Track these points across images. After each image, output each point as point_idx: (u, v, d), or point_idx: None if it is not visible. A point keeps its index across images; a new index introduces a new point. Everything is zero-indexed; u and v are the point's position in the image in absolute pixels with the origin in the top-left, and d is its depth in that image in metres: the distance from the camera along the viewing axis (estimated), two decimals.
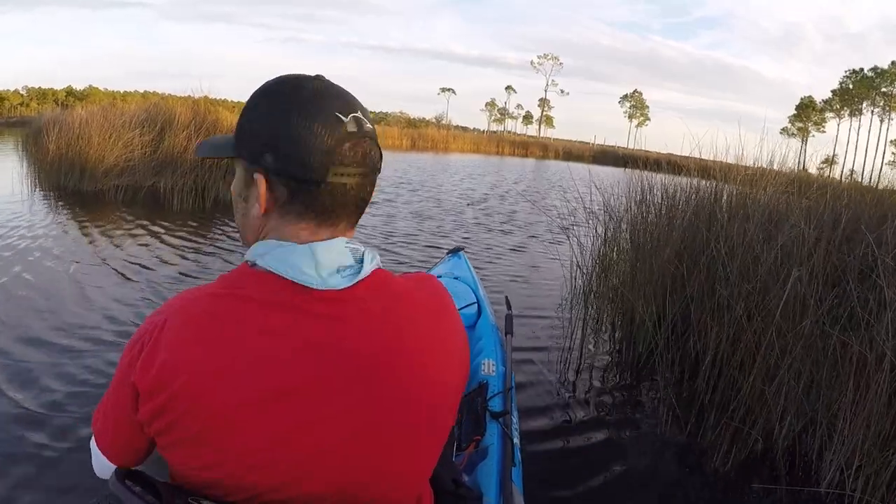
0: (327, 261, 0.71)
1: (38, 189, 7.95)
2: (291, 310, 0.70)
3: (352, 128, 0.72)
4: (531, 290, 4.83)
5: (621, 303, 3.46)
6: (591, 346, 3.47)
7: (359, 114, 0.73)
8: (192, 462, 0.69)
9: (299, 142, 0.70)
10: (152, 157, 8.19)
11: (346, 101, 0.73)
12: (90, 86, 67.66)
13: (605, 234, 4.08)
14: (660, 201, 3.79)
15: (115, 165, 7.99)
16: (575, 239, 4.14)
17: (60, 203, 7.11)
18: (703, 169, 4.41)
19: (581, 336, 3.53)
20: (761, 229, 2.91)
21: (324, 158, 0.70)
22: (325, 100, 0.72)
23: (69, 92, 63.93)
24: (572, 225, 5.37)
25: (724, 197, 3.49)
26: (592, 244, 4.17)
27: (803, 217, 2.88)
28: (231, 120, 8.87)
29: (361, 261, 0.74)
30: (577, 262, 3.99)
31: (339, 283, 0.71)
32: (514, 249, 6.50)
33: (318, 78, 0.75)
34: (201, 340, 0.68)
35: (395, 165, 17.77)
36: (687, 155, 5.01)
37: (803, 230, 2.64)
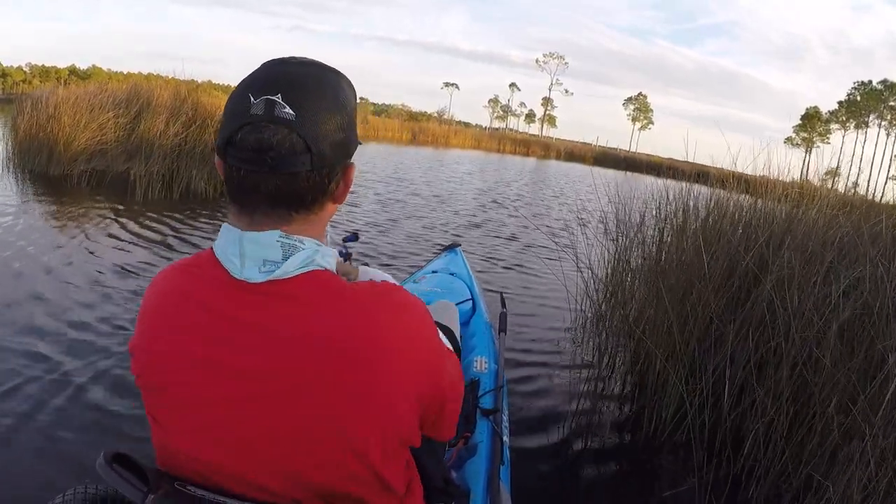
0: (252, 252, 0.71)
1: (5, 171, 7.40)
2: (217, 293, 0.73)
3: (257, 110, 0.68)
4: (531, 294, 4.38)
5: (638, 346, 2.85)
6: (599, 379, 2.90)
7: (277, 97, 0.68)
8: (152, 432, 0.77)
9: (224, 116, 0.73)
10: (126, 141, 7.58)
11: (269, 82, 0.70)
12: (94, 65, 66.98)
13: (617, 255, 3.51)
14: (681, 221, 3.21)
15: (86, 149, 7.39)
16: (585, 263, 3.56)
17: (21, 187, 6.62)
18: (722, 179, 3.85)
19: (594, 374, 2.97)
20: (824, 267, 2.34)
21: (225, 135, 0.71)
22: (254, 78, 0.72)
23: (72, 70, 63.25)
24: (570, 246, 4.74)
25: (768, 219, 2.90)
26: (603, 271, 3.59)
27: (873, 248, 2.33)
28: (221, 105, 8.29)
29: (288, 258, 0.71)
30: (585, 287, 3.42)
31: (256, 276, 0.71)
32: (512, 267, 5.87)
33: (278, 60, 0.74)
34: (154, 308, 0.77)
35: (379, 161, 16.20)
36: (695, 162, 4.44)
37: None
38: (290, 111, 0.68)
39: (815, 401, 2.07)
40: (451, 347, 0.92)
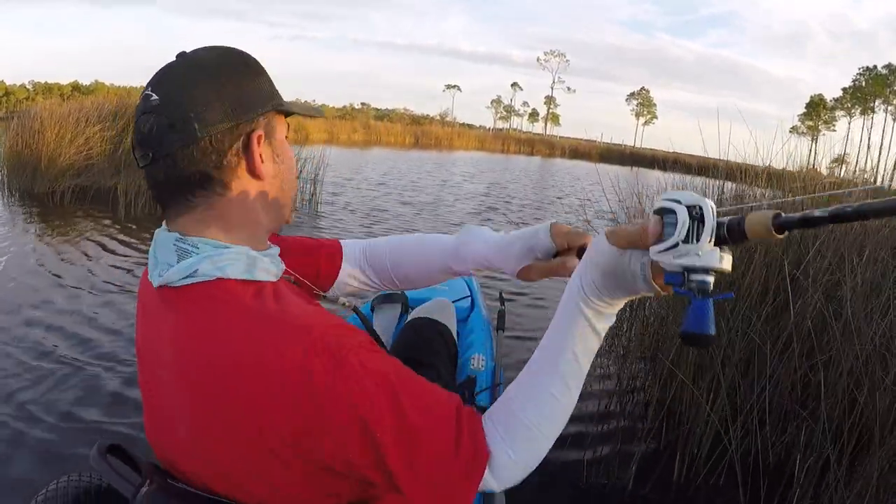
0: (159, 253, 0.70)
1: None
2: (144, 292, 0.76)
3: (139, 105, 0.70)
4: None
5: (663, 368, 2.48)
6: (617, 395, 2.55)
7: (149, 90, 0.69)
8: None
9: None
10: (113, 155, 7.31)
11: (149, 83, 0.71)
12: (96, 81, 67.00)
13: None
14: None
15: (72, 164, 7.12)
16: None
17: (8, 206, 6.42)
18: (733, 171, 3.52)
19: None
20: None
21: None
22: None
23: (75, 87, 63.32)
24: None
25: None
26: None
27: None
28: None
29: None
30: None
31: (155, 280, 0.70)
32: None
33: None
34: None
35: (371, 167, 15.12)
36: (704, 155, 4.10)
37: None
38: (156, 97, 0.68)
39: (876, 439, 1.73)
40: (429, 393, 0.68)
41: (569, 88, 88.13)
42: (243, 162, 0.71)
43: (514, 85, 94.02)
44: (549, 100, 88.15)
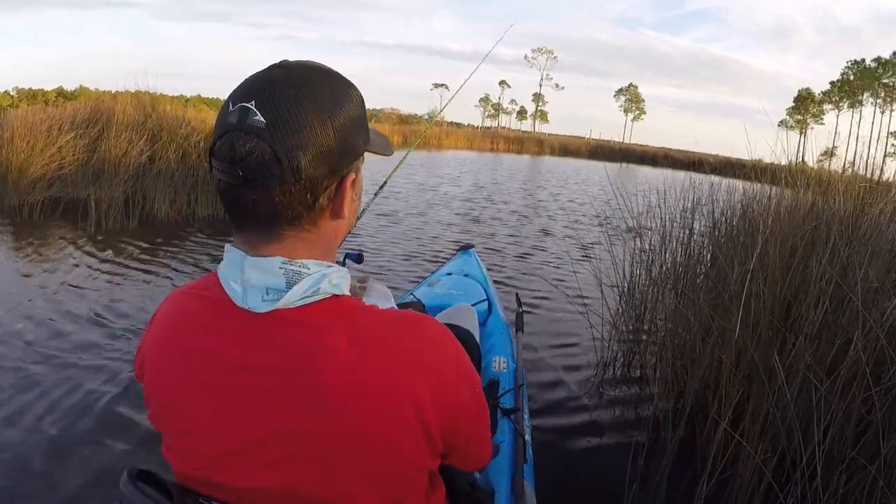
0: (254, 278, 0.67)
1: None
2: (220, 320, 0.69)
3: (232, 118, 0.65)
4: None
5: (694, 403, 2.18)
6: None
7: (251, 104, 0.64)
8: (164, 443, 0.74)
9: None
10: (87, 164, 6.94)
11: (247, 88, 0.66)
12: (81, 86, 66.09)
13: (640, 287, 2.88)
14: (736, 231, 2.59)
15: (44, 175, 6.73)
16: (608, 283, 2.94)
17: None
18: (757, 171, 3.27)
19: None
20: None
21: (209, 144, 0.68)
22: (239, 85, 0.68)
23: (59, 92, 62.63)
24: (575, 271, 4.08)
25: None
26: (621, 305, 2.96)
27: None
28: (191, 116, 7.80)
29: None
30: (612, 319, 2.79)
31: (259, 306, 0.67)
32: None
33: (273, 64, 0.69)
34: (159, 333, 0.74)
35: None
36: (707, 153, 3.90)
37: None
38: (261, 118, 0.63)
39: None
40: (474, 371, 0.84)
41: (557, 85, 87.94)
42: (332, 204, 0.70)
43: (502, 83, 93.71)
44: (538, 97, 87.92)
